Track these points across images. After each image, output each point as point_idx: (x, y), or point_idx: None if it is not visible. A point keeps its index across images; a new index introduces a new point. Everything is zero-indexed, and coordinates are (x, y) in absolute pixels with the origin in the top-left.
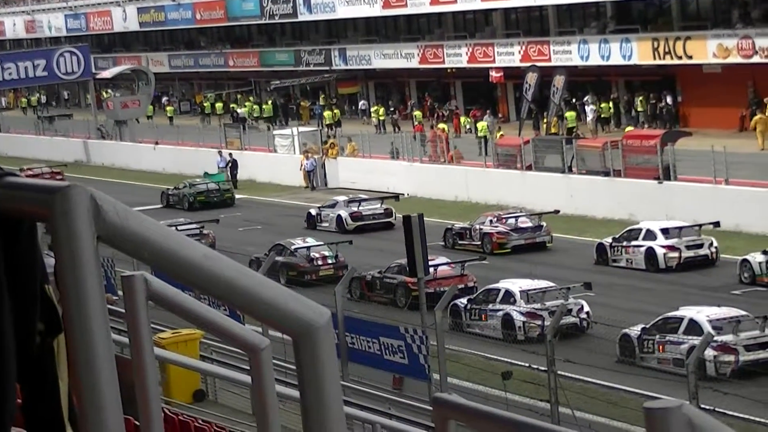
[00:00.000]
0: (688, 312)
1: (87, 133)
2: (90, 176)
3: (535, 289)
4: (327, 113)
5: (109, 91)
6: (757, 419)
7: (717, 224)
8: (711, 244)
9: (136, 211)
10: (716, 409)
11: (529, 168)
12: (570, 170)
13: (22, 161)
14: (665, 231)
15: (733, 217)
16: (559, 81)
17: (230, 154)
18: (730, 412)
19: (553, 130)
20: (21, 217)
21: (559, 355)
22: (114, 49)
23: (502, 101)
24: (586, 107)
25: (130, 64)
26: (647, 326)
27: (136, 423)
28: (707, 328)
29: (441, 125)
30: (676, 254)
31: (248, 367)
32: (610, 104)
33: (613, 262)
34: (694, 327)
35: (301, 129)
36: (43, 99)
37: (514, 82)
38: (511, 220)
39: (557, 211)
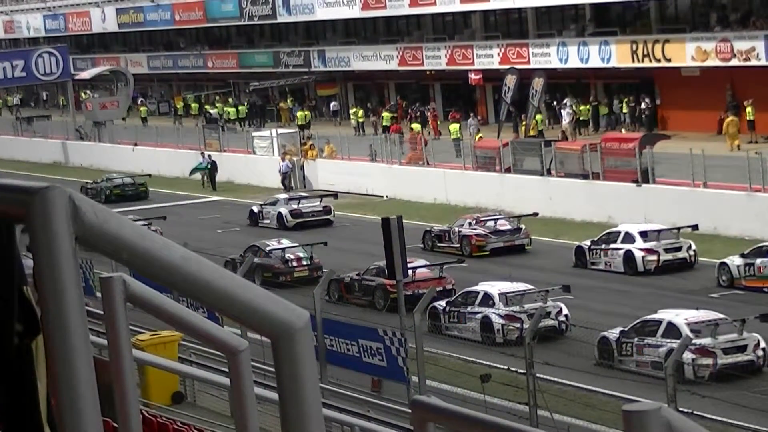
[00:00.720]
0: (666, 315)
1: (65, 134)
2: (69, 177)
3: (513, 292)
4: (299, 114)
5: (88, 92)
6: (735, 422)
7: (695, 227)
8: (689, 247)
9: (115, 212)
10: (694, 411)
11: (508, 170)
12: (549, 173)
13: (1, 163)
14: (644, 234)
15: (711, 220)
16: (538, 83)
17: (209, 156)
18: (708, 415)
19: (531, 133)
20: None
21: (538, 357)
22: (93, 50)
23: (481, 103)
24: (562, 111)
25: (109, 65)
26: (626, 329)
27: (115, 425)
28: (685, 331)
29: (415, 126)
30: (654, 257)
31: (227, 369)
32: (588, 107)
33: (591, 264)
34: (672, 330)
35: (280, 131)
36: (17, 100)
37: (493, 85)
38: (490, 223)
39: (536, 214)
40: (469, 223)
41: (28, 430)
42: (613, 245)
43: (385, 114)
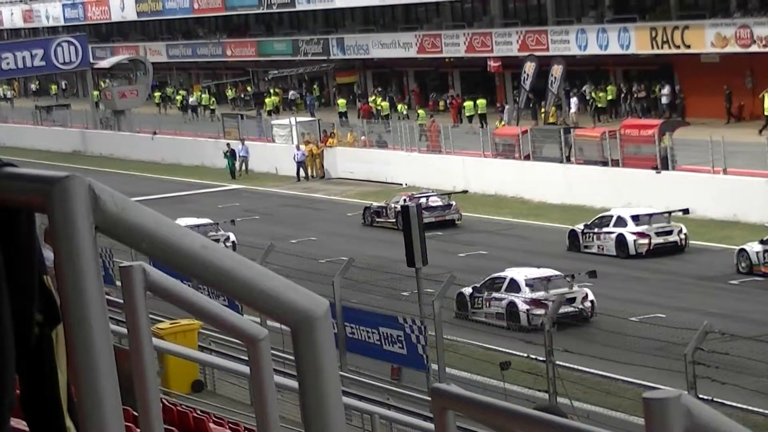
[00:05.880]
0: (511, 272)
1: (85, 123)
2: (88, 166)
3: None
4: (267, 100)
5: (107, 80)
6: (756, 409)
7: (686, 211)
8: (680, 231)
9: (135, 201)
10: (714, 399)
11: (527, 158)
12: (568, 160)
13: (21, 151)
14: (635, 218)
15: (731, 207)
16: (557, 70)
17: (228, 144)
18: (729, 402)
19: (551, 120)
20: (19, 207)
21: (558, 345)
22: (112, 39)
23: (500, 91)
24: (570, 99)
25: (128, 53)
26: (478, 285)
27: (135, 413)
28: (522, 285)
29: (383, 104)
30: (645, 241)
31: (247, 358)
32: (602, 93)
33: (584, 248)
34: (513, 285)
35: (299, 119)
36: (33, 87)
37: (512, 72)
38: (423, 200)
39: (466, 191)
40: (404, 200)
41: (49, 418)
42: (605, 229)
43: (341, 101)
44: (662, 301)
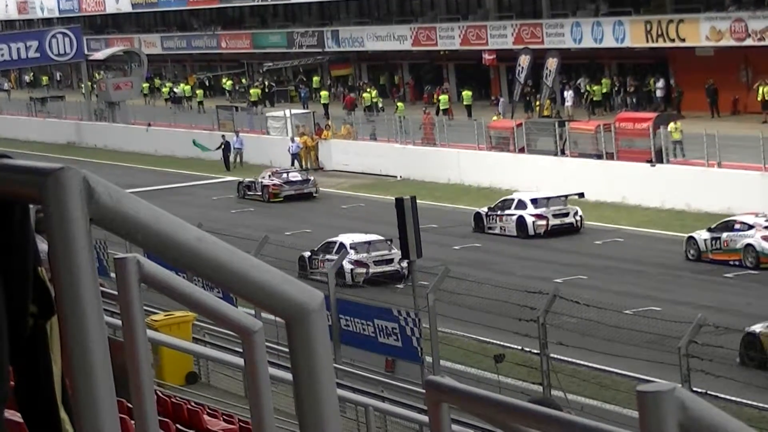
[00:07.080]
0: (341, 237)
1: (79, 115)
2: (82, 158)
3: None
4: (253, 91)
5: (102, 72)
6: (749, 402)
7: (581, 195)
8: (576, 213)
9: (130, 193)
10: (708, 392)
11: (521, 151)
12: (563, 153)
13: (15, 143)
14: (534, 201)
15: (725, 200)
16: (552, 63)
17: (223, 136)
18: (723, 395)
19: (545, 113)
20: (13, 199)
21: (552, 338)
22: (106, 31)
23: (495, 84)
24: (565, 92)
25: (123, 45)
26: (315, 249)
27: (129, 405)
28: (348, 248)
29: (365, 95)
30: (543, 222)
31: (241, 350)
32: (597, 87)
33: (488, 229)
34: (341, 248)
35: (294, 111)
36: (28, 79)
37: (506, 65)
38: (285, 175)
39: (323, 168)
40: (269, 176)
41: (44, 410)
42: (507, 211)
43: (323, 93)
44: (657, 294)
